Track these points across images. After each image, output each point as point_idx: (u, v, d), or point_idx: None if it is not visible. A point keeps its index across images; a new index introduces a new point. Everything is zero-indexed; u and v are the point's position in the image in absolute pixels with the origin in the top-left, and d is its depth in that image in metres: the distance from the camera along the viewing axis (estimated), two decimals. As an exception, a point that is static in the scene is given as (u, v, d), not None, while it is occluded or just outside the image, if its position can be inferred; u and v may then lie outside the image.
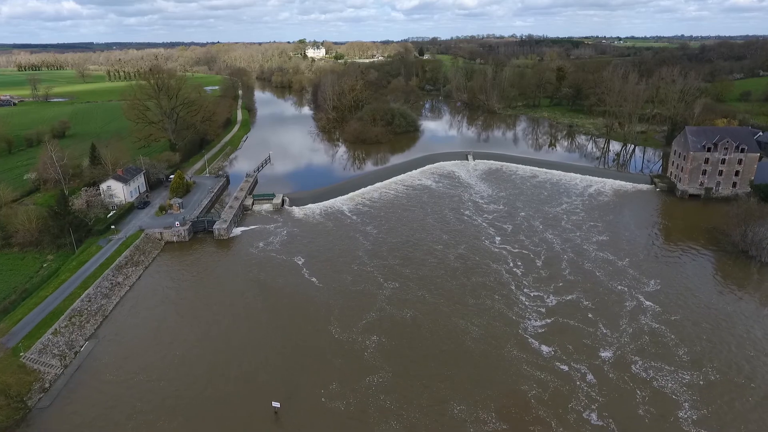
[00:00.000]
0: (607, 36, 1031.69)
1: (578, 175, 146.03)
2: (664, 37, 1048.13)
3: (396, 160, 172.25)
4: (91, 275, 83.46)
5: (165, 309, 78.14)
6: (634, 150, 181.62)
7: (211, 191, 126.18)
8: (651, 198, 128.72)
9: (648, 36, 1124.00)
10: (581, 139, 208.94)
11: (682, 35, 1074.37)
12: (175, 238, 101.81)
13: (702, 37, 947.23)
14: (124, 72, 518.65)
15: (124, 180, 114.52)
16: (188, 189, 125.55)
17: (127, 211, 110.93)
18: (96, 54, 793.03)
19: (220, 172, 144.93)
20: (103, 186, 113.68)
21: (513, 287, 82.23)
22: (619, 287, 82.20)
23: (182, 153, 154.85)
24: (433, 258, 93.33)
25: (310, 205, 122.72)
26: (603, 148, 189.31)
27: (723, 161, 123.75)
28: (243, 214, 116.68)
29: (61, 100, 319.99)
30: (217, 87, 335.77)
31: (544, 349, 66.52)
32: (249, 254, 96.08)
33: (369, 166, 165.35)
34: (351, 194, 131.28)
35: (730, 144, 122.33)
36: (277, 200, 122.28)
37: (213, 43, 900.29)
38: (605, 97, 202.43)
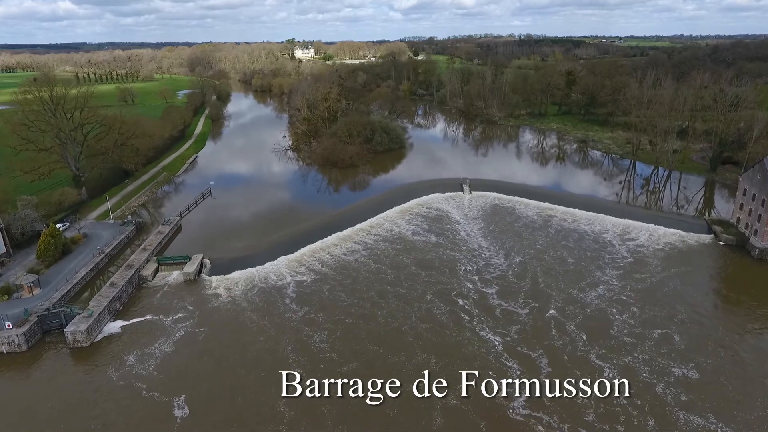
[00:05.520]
0: (606, 35, 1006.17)
1: (606, 218, 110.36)
2: (664, 37, 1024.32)
3: (374, 190, 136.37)
4: None
5: None
6: (669, 176, 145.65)
7: (101, 252, 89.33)
8: (716, 260, 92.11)
9: (647, 35, 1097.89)
10: (597, 155, 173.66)
11: (681, 34, 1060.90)
12: (4, 348, 65.55)
13: (701, 36, 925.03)
14: (95, 74, 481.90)
15: (-46, 247, 78.32)
16: (68, 249, 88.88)
17: (-47, 294, 74.81)
18: (79, 54, 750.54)
19: (128, 217, 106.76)
20: None
21: None
22: None
23: (91, 187, 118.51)
24: (407, 425, 51.83)
25: (238, 274, 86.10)
26: (628, 172, 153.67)
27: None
28: (133, 295, 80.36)
29: (4, 108, 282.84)
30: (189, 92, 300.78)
31: None
32: (104, 386, 58.93)
33: (337, 201, 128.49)
34: (303, 251, 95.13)
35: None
36: (191, 267, 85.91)
37: (205, 44, 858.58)
38: (631, 108, 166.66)
